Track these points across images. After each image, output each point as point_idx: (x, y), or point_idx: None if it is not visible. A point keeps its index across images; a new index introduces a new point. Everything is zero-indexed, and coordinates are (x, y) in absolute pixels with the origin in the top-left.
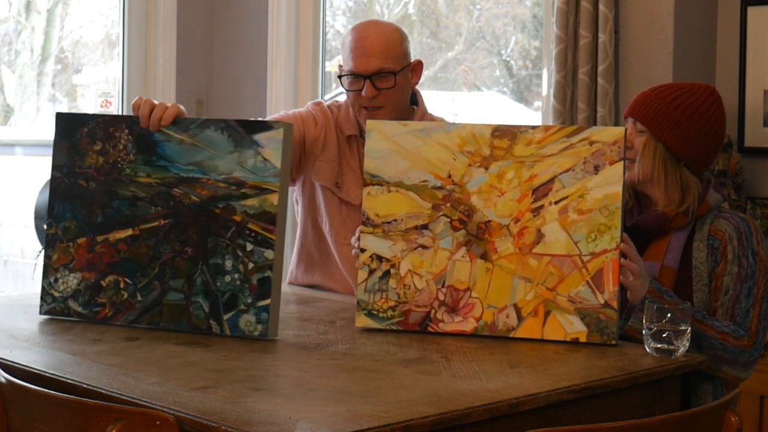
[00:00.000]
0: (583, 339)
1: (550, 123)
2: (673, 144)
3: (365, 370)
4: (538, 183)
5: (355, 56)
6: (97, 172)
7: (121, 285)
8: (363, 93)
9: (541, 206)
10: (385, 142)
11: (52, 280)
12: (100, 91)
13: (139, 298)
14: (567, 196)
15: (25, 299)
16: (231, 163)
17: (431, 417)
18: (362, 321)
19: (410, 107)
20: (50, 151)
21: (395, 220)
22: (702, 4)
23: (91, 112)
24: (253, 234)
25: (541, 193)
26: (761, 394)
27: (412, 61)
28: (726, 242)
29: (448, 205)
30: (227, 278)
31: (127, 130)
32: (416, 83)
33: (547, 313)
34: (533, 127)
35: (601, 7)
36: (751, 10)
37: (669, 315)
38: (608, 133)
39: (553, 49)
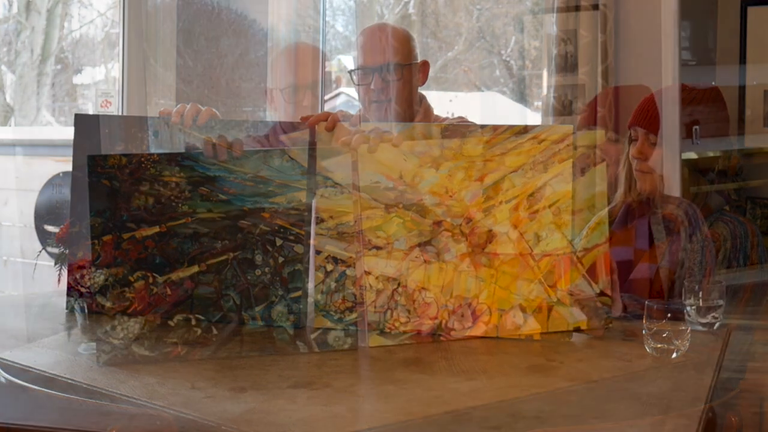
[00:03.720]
0: (537, 336)
1: (551, 123)
2: None
3: (365, 370)
4: (489, 182)
5: (364, 51)
6: (120, 171)
7: (150, 280)
8: (372, 86)
9: (493, 206)
10: (335, 143)
11: (78, 276)
12: (100, 91)
13: (169, 292)
14: (517, 195)
15: (25, 299)
16: (257, 163)
17: (431, 417)
18: (320, 322)
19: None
20: (50, 151)
21: (348, 222)
22: (702, 4)
23: (91, 112)
24: (282, 230)
25: (492, 193)
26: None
27: (419, 60)
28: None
29: (401, 206)
30: (257, 272)
31: (149, 131)
32: (423, 82)
33: (501, 312)
34: (482, 127)
35: (601, 7)
36: (751, 10)
37: (669, 315)
38: (556, 132)
39: (553, 49)
